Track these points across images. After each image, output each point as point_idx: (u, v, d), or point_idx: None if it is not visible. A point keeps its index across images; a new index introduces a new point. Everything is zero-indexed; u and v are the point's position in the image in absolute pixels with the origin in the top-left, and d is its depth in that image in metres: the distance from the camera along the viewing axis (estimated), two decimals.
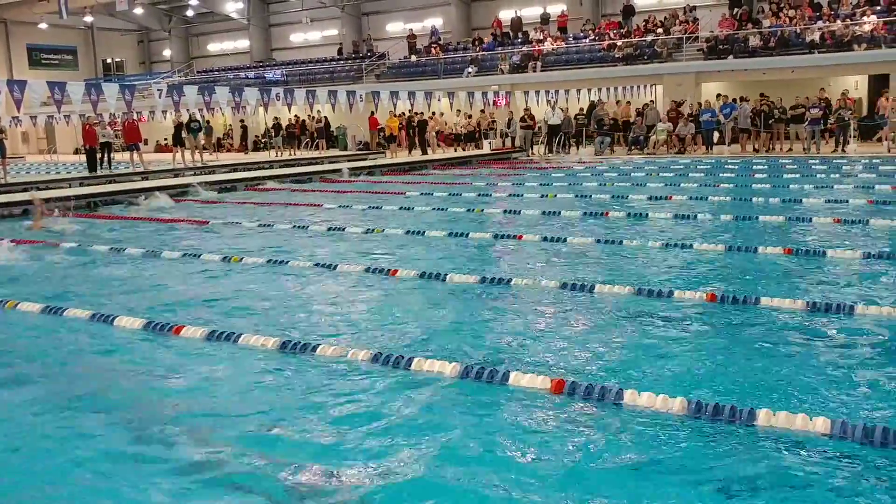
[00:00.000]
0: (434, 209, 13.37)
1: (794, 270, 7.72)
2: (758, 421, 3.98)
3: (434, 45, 37.71)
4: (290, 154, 29.91)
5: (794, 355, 5.11)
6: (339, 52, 42.92)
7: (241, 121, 35.23)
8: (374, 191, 16.98)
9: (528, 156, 26.96)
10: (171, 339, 5.86)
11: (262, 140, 35.04)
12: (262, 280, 8.05)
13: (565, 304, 6.65)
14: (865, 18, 27.10)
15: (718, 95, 26.12)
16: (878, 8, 27.74)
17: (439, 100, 28.25)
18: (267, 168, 23.30)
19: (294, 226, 11.78)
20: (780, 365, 4.93)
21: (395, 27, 42.74)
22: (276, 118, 30.87)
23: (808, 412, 4.01)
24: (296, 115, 31.16)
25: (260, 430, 4.17)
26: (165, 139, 37.73)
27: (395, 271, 8.02)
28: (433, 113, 29.84)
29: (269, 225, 11.90)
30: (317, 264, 8.54)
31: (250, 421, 4.29)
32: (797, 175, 16.98)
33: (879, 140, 23.65)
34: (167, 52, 51.20)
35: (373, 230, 10.97)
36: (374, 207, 13.85)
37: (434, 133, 29.82)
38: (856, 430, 3.79)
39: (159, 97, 23.18)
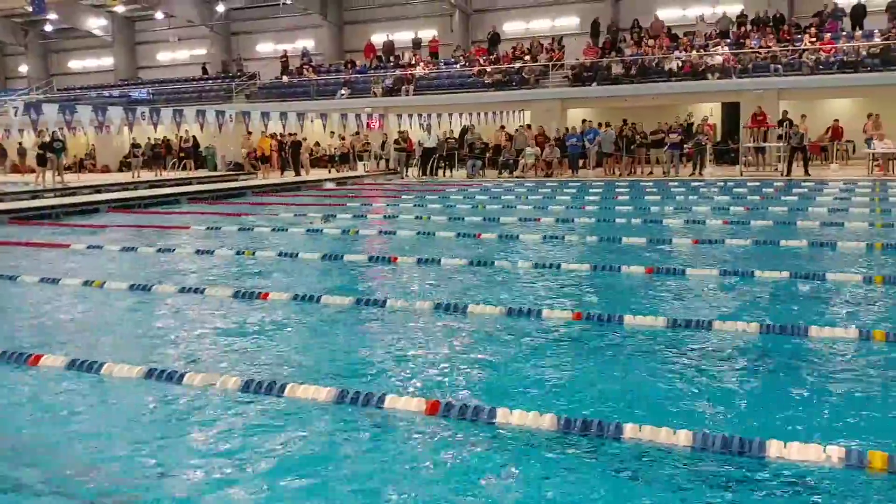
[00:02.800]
0: (308, 231, 13.23)
1: (656, 288, 8.04)
2: (624, 435, 4.12)
3: (306, 67, 37.45)
4: (157, 175, 28.95)
5: (656, 370, 5.31)
6: (204, 70, 41.94)
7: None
8: (244, 212, 16.65)
9: (402, 178, 27.09)
10: (28, 370, 5.55)
11: (127, 160, 33.53)
12: (126, 305, 7.74)
13: (439, 325, 6.70)
14: (718, 49, 28.78)
15: (584, 121, 26.99)
16: (729, 41, 29.56)
17: (312, 121, 28.00)
18: (132, 189, 22.47)
19: (159, 249, 11.39)
20: (643, 380, 5.12)
21: (266, 48, 42.27)
22: (133, 138, 29.74)
23: (672, 425, 4.17)
24: (165, 137, 30.17)
25: (122, 462, 4.00)
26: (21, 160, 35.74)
27: (266, 294, 7.87)
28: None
29: (132, 248, 11.46)
30: (183, 289, 8.29)
31: (113, 453, 4.10)
32: (658, 197, 17.72)
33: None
34: (24, 68, 48.66)
35: (243, 252, 10.75)
36: (245, 229, 13.59)
37: (307, 155, 29.55)
38: (716, 441, 3.98)
39: (15, 115, 22.01)
